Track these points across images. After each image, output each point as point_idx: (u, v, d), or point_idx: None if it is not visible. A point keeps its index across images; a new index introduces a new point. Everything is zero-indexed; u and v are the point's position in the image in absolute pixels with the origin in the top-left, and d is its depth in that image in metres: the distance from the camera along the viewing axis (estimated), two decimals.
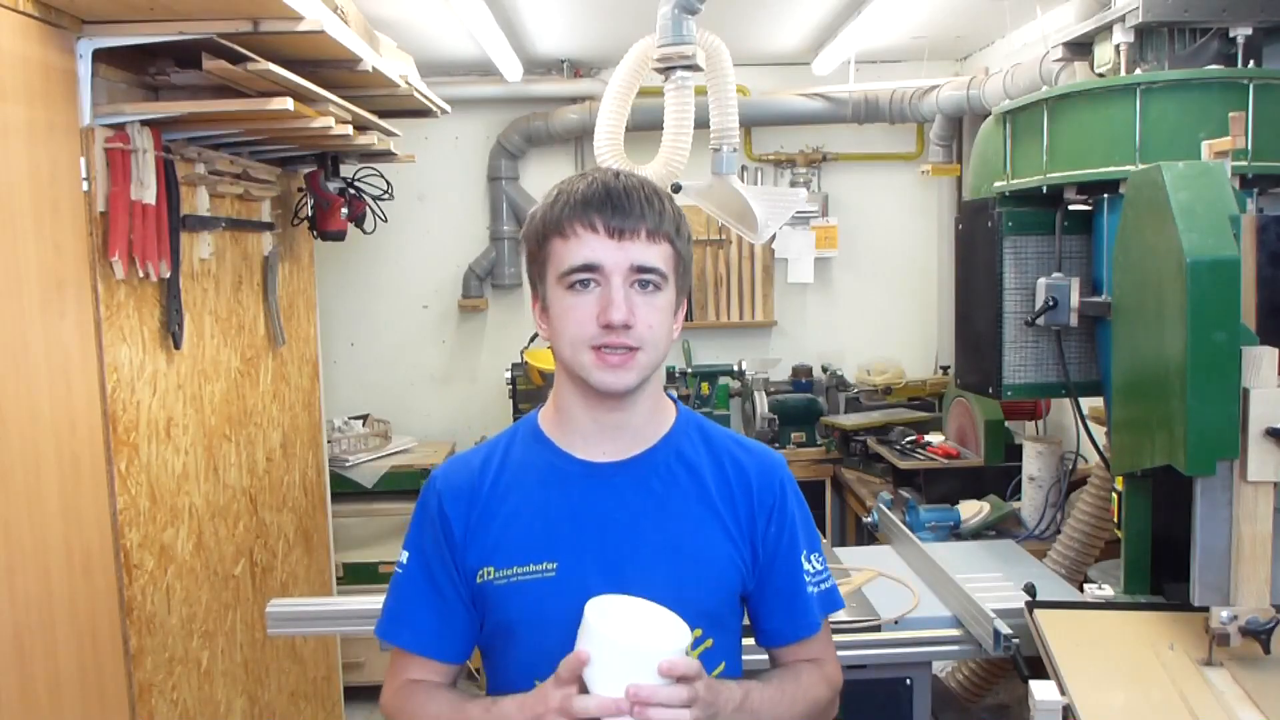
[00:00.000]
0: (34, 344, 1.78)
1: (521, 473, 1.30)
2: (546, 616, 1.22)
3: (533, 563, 1.24)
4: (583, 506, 1.26)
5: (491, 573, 1.25)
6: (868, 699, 1.94)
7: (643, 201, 1.22)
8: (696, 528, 1.28)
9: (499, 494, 1.28)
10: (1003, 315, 2.16)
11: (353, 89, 2.51)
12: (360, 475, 3.92)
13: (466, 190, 4.52)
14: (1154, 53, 2.09)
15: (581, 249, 1.21)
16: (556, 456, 1.29)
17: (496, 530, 1.27)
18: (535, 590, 1.23)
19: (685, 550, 1.26)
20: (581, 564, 1.24)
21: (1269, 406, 1.51)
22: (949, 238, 4.31)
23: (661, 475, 1.29)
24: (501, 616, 1.26)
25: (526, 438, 1.33)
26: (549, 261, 1.24)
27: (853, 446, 3.96)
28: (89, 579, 1.93)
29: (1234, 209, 1.59)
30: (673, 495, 1.28)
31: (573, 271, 1.21)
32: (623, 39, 2.35)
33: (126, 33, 1.91)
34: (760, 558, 1.31)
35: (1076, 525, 2.41)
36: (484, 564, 1.26)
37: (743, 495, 1.30)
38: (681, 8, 2.10)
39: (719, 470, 1.31)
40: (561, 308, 1.23)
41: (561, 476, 1.28)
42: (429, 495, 1.31)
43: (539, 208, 1.27)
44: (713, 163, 2.28)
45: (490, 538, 1.26)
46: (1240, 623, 1.54)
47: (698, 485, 1.30)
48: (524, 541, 1.25)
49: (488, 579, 1.25)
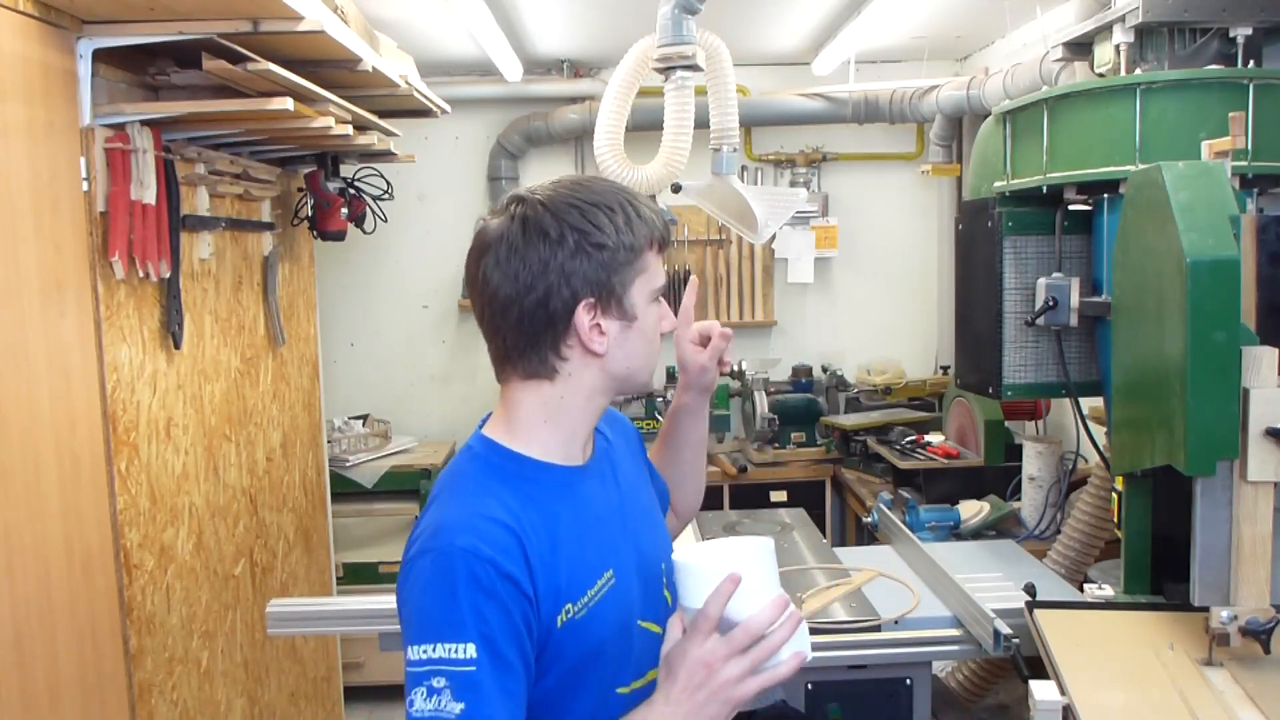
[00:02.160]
0: (34, 344, 1.78)
1: (541, 502, 1.21)
2: (624, 623, 1.24)
3: (598, 579, 1.22)
4: (597, 507, 1.28)
5: (571, 609, 1.17)
6: (868, 699, 1.95)
7: None
8: (645, 482, 1.46)
9: (540, 532, 1.17)
10: (1003, 315, 2.16)
11: (353, 89, 2.51)
12: (360, 475, 3.92)
13: (466, 190, 4.52)
14: (1154, 53, 2.08)
15: (660, 266, 1.28)
16: (553, 473, 1.25)
17: (562, 566, 1.17)
18: (611, 603, 1.22)
19: (650, 505, 1.44)
20: (623, 560, 1.26)
21: (1269, 406, 1.51)
22: (949, 238, 4.32)
23: (610, 458, 1.38)
24: (587, 646, 1.19)
25: (509, 468, 1.23)
26: (643, 274, 1.23)
27: (853, 446, 3.96)
28: (89, 579, 1.93)
29: (1234, 209, 1.59)
30: (627, 466, 1.41)
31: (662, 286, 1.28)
32: (623, 39, 2.35)
33: (126, 33, 1.91)
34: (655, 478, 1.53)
35: (1076, 525, 2.42)
36: (561, 605, 1.16)
37: (635, 441, 1.50)
38: (681, 8, 2.10)
39: (621, 434, 1.47)
40: (653, 320, 1.27)
41: (571, 489, 1.26)
42: (478, 569, 1.10)
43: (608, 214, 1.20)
44: (713, 163, 2.28)
45: (559, 577, 1.17)
46: (1240, 623, 1.54)
47: (628, 449, 1.45)
48: (584, 564, 1.21)
49: (569, 617, 1.17)
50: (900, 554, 2.41)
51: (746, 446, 4.18)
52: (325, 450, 3.49)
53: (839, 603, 2.07)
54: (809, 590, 2.12)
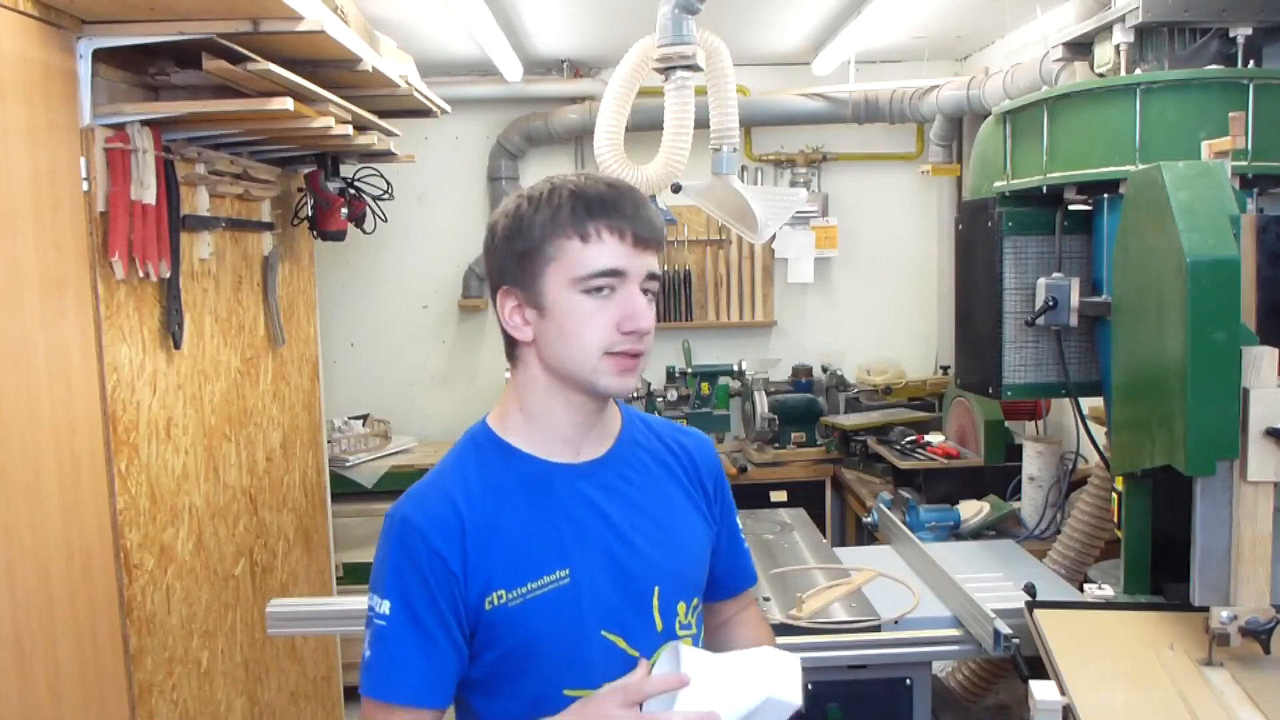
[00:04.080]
0: (34, 344, 1.78)
1: (504, 489, 1.24)
2: (570, 625, 1.22)
3: (545, 575, 1.22)
4: (578, 509, 1.26)
5: (503, 595, 1.20)
6: (868, 699, 1.95)
7: (651, 211, 1.25)
8: (674, 506, 1.35)
9: (488, 516, 1.22)
10: (1003, 315, 2.16)
11: (353, 89, 2.51)
12: (360, 475, 3.92)
13: (466, 190, 4.52)
14: (1154, 53, 2.09)
15: (605, 254, 1.19)
16: (533, 465, 1.26)
17: (498, 552, 1.21)
18: (555, 601, 1.21)
19: (671, 529, 1.32)
20: (590, 565, 1.24)
21: (1269, 406, 1.51)
22: (949, 238, 4.32)
23: (633, 465, 1.33)
24: (523, 636, 1.21)
25: (490, 452, 1.27)
26: (555, 261, 1.20)
27: (853, 446, 3.96)
28: (89, 579, 1.93)
29: (1234, 209, 1.59)
30: (648, 481, 1.33)
31: (595, 276, 1.19)
32: (623, 39, 2.35)
33: (126, 33, 1.91)
34: (716, 522, 1.41)
35: (1076, 525, 2.41)
36: (492, 590, 1.20)
37: (693, 470, 1.38)
38: (681, 8, 2.10)
39: (670, 452, 1.37)
40: (579, 313, 1.20)
41: (547, 484, 1.25)
42: (408, 536, 1.20)
43: (530, 203, 1.22)
44: (713, 163, 2.28)
45: (493, 562, 1.20)
46: (1240, 623, 1.54)
47: (663, 468, 1.36)
48: (531, 556, 1.21)
49: (500, 603, 1.20)
50: (900, 554, 2.41)
51: (746, 446, 4.18)
52: (325, 450, 3.49)
53: (839, 603, 2.07)
54: (809, 590, 2.12)
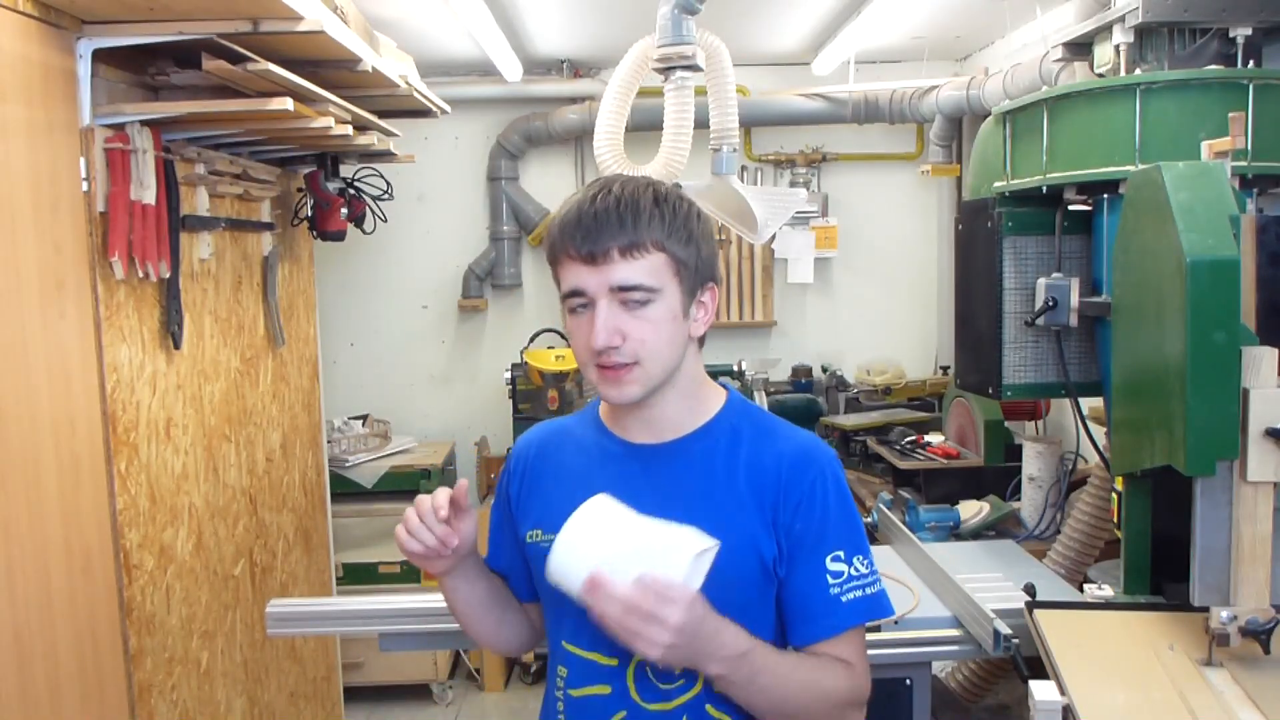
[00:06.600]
0: (34, 344, 1.78)
1: (573, 448, 1.41)
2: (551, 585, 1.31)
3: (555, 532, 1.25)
4: (617, 482, 1.29)
5: (539, 535, 1.35)
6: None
7: (615, 219, 1.23)
8: (721, 511, 1.28)
9: (551, 463, 1.41)
10: (1003, 315, 2.16)
11: (352, 89, 2.51)
12: (360, 475, 3.92)
13: (466, 190, 4.52)
14: (1154, 53, 2.08)
15: (569, 276, 1.27)
16: (605, 437, 1.39)
17: (541, 495, 1.39)
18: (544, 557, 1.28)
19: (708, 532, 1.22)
20: None
21: (1269, 406, 1.51)
22: (949, 238, 4.31)
23: (695, 459, 1.33)
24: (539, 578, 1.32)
25: (587, 419, 1.44)
26: (559, 282, 1.31)
27: (853, 447, 3.96)
28: (89, 579, 1.93)
29: (1234, 209, 1.59)
30: (701, 479, 1.31)
31: (568, 296, 1.29)
32: (623, 39, 2.35)
33: (126, 33, 1.91)
34: (784, 550, 1.29)
35: (1076, 525, 2.41)
36: (534, 526, 1.37)
37: (771, 485, 1.30)
38: (681, 8, 2.10)
39: (755, 458, 1.31)
40: (569, 328, 1.32)
41: (604, 454, 1.37)
42: (508, 458, 1.48)
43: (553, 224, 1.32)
44: (712, 163, 2.28)
45: (537, 501, 1.39)
46: (1240, 623, 1.54)
47: (728, 472, 1.31)
48: (557, 509, 1.26)
49: (535, 540, 1.36)
50: (900, 554, 2.41)
51: None
52: (325, 450, 3.49)
53: None
54: None
